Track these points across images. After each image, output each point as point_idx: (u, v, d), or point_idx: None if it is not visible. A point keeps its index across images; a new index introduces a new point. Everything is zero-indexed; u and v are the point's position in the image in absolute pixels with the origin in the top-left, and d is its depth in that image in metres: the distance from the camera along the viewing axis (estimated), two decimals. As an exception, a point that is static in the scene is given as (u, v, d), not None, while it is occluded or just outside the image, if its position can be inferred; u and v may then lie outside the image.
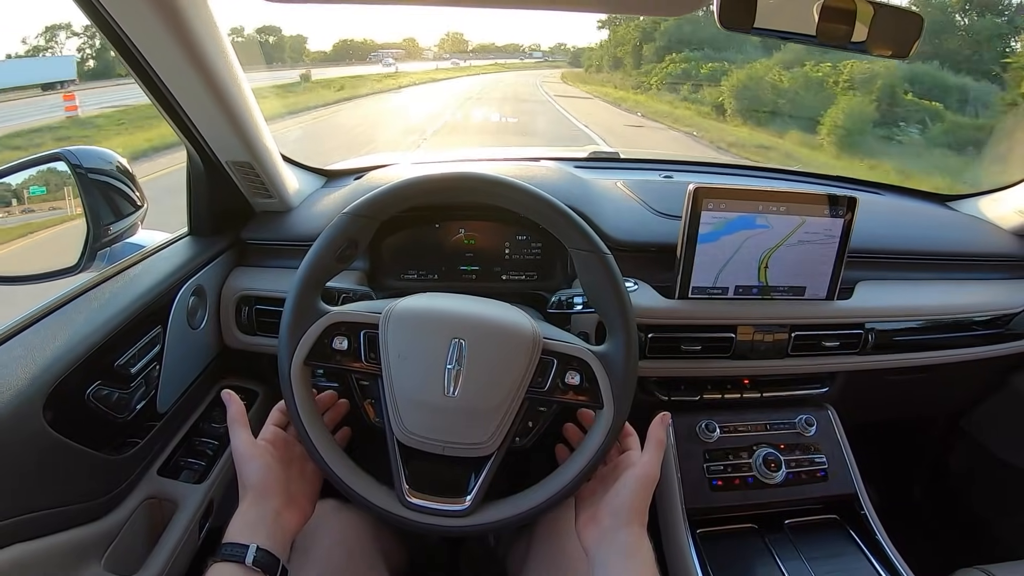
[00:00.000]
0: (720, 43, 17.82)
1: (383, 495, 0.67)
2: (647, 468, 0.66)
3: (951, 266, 1.10)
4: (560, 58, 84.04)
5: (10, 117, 10.77)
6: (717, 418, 0.97)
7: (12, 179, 0.80)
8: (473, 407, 0.64)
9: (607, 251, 0.67)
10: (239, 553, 0.58)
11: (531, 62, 74.34)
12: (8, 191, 0.81)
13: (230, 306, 0.95)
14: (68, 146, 0.80)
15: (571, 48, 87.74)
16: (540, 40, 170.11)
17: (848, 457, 0.99)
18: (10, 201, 0.82)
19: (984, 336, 1.06)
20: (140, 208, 0.89)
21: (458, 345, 0.64)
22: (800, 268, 0.93)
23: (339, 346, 0.67)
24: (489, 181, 0.68)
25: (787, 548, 0.90)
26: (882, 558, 0.89)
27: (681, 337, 0.92)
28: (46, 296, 0.74)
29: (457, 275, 1.03)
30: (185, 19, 0.66)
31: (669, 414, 0.71)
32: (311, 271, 0.67)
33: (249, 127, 0.84)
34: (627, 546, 0.62)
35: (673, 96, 17.72)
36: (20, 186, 0.82)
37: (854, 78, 10.94)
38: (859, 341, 0.98)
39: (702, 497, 0.92)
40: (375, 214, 0.68)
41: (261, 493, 0.64)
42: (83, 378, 0.68)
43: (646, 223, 0.99)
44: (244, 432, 0.67)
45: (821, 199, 0.90)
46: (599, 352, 0.67)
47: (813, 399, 1.04)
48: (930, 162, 8.45)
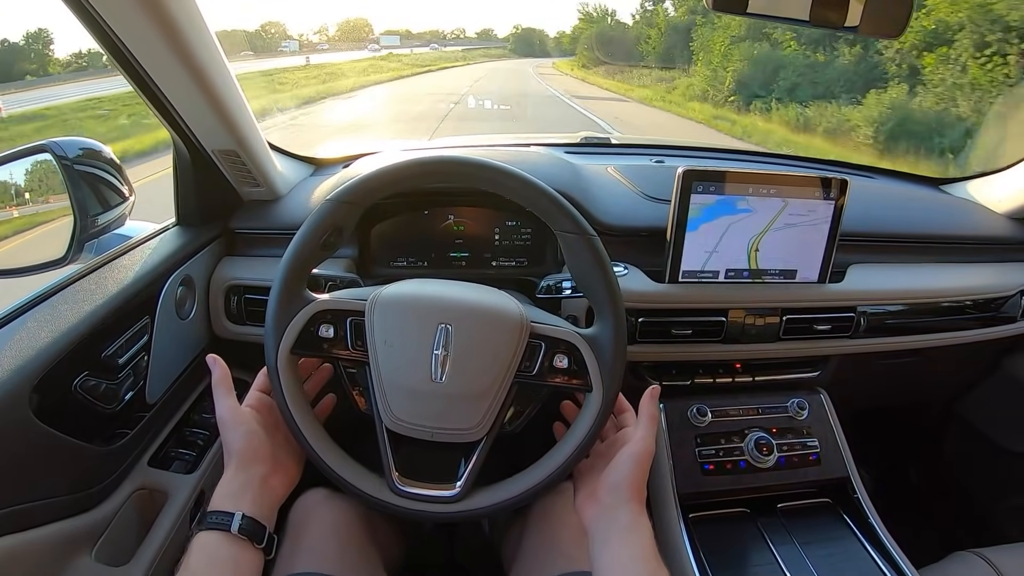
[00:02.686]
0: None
1: (373, 483, 0.67)
2: (641, 444, 0.66)
3: (943, 249, 1.10)
4: (496, 45, 77.59)
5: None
6: (709, 402, 0.97)
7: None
8: (461, 392, 0.64)
9: (593, 233, 0.67)
10: (224, 521, 0.58)
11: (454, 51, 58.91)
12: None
13: (219, 296, 0.95)
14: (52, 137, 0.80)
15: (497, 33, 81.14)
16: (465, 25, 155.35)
17: (840, 440, 0.99)
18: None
19: (976, 319, 1.06)
20: (128, 199, 0.89)
21: (444, 330, 0.64)
22: (791, 251, 0.93)
23: (325, 334, 0.66)
24: (472, 164, 0.68)
25: (780, 532, 0.90)
26: (875, 541, 0.89)
27: (672, 321, 0.92)
28: (32, 288, 0.73)
29: (447, 262, 1.03)
30: (167, 6, 0.65)
31: (659, 387, 0.71)
32: (295, 259, 0.66)
33: (235, 115, 0.83)
34: (626, 523, 0.62)
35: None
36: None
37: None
38: (851, 324, 0.97)
39: (694, 482, 0.91)
40: (359, 200, 0.68)
41: (246, 460, 0.63)
42: (70, 369, 0.67)
43: (636, 207, 0.98)
44: (228, 398, 0.66)
45: (813, 182, 0.90)
46: (587, 335, 0.67)
47: (805, 383, 1.04)
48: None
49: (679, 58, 17.03)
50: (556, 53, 73.39)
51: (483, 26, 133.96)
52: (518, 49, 76.71)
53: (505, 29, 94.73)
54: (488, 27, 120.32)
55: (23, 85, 16.76)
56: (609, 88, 22.45)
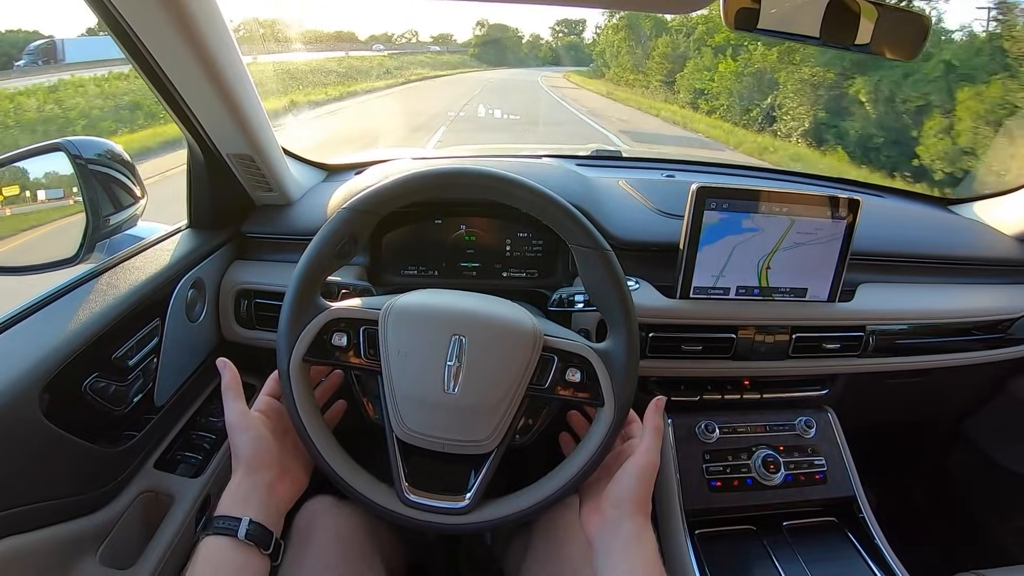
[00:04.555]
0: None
1: (382, 493, 0.66)
2: (646, 457, 0.66)
3: (952, 270, 1.10)
4: (455, 50, 58.68)
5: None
6: (717, 419, 0.97)
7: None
8: (473, 404, 0.64)
9: (609, 248, 0.67)
10: (231, 526, 0.58)
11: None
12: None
13: (229, 300, 0.95)
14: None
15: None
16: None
17: (847, 460, 0.99)
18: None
19: (984, 340, 1.06)
20: (140, 200, 0.89)
21: (458, 342, 0.64)
22: (802, 270, 0.93)
23: (338, 342, 0.66)
24: (491, 176, 0.68)
25: (785, 550, 0.90)
26: (880, 561, 0.89)
27: (682, 337, 0.92)
28: (44, 287, 0.73)
29: (457, 272, 1.03)
30: (190, 11, 0.66)
31: (664, 398, 0.71)
32: (310, 266, 0.66)
33: (251, 120, 0.84)
34: (630, 536, 0.62)
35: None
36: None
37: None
38: (860, 344, 0.97)
39: (701, 498, 0.91)
40: (376, 209, 0.68)
41: (254, 465, 0.63)
42: (80, 370, 0.67)
43: (648, 222, 0.99)
44: (238, 402, 0.66)
45: (825, 201, 0.90)
46: (600, 349, 0.67)
47: (813, 401, 1.04)
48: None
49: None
50: (534, 62, 61.77)
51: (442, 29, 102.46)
52: (483, 56, 58.18)
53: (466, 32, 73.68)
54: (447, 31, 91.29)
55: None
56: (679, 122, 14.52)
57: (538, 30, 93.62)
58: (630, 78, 21.85)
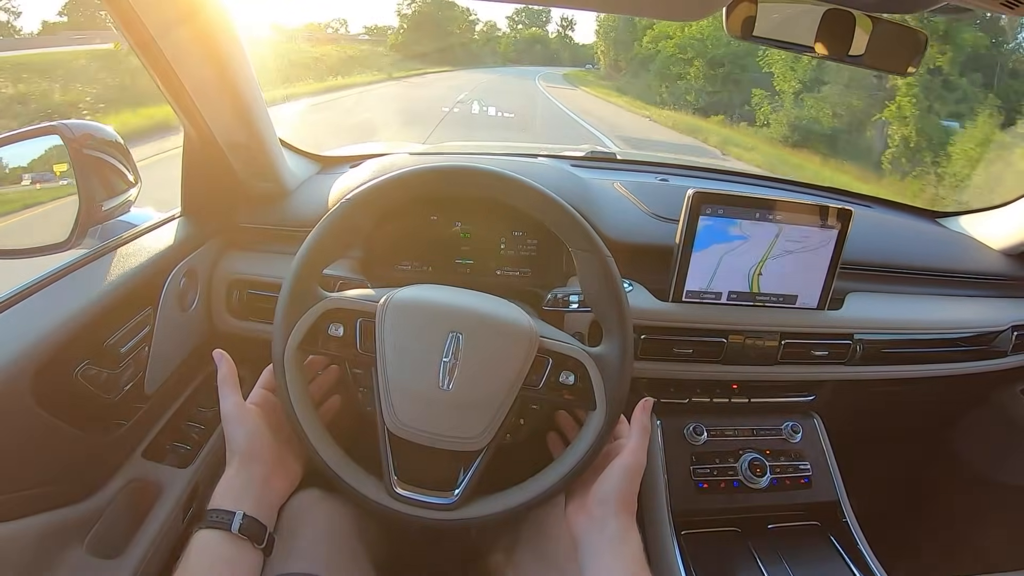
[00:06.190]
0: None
1: (371, 485, 0.67)
2: (632, 456, 0.67)
3: (940, 282, 1.12)
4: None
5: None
6: (705, 421, 0.98)
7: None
8: (466, 401, 0.64)
9: (609, 253, 0.67)
10: (225, 520, 0.58)
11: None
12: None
13: (221, 290, 0.94)
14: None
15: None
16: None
17: (832, 465, 1.00)
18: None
19: (969, 352, 1.08)
20: (134, 186, 0.88)
21: (455, 339, 0.64)
22: (793, 277, 0.94)
23: (334, 333, 0.66)
24: (493, 176, 0.68)
25: (769, 552, 0.91)
26: (862, 566, 0.90)
27: (673, 340, 0.93)
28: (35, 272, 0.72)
29: (452, 268, 1.03)
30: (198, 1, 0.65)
31: (651, 399, 0.72)
32: (311, 256, 0.66)
33: (251, 109, 0.83)
34: (616, 535, 0.63)
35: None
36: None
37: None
38: (847, 352, 0.99)
39: (688, 499, 0.92)
40: (379, 202, 0.68)
41: (248, 459, 0.63)
42: (73, 356, 0.67)
43: (643, 225, 0.99)
44: (233, 395, 0.66)
45: (815, 210, 0.91)
46: (595, 354, 0.67)
47: (800, 407, 1.05)
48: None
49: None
50: (493, 61, 50.73)
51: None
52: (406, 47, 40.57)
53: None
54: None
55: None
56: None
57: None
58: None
